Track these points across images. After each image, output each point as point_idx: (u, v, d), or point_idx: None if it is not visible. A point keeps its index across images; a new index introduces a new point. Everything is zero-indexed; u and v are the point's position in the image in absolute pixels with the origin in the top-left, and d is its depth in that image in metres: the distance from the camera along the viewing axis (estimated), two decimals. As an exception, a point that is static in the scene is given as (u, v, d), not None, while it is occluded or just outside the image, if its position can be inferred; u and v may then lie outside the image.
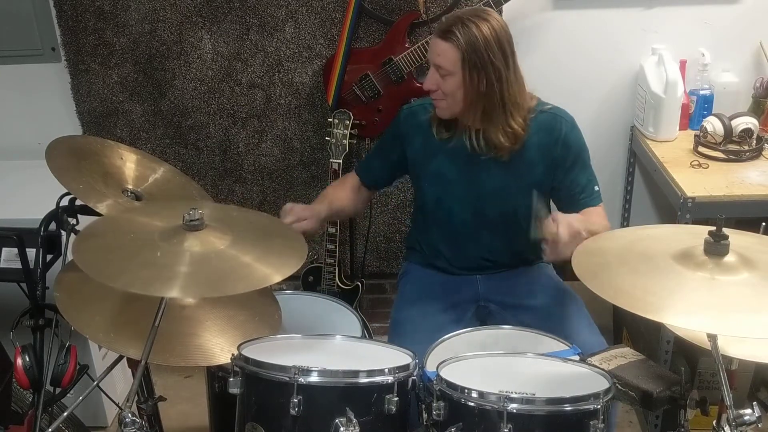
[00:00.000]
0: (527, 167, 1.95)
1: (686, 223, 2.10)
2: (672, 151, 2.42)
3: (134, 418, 1.37)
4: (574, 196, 1.99)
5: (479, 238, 2.04)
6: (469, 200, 2.00)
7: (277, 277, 1.45)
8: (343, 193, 2.16)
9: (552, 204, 2.06)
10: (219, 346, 1.65)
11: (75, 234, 1.80)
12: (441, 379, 1.45)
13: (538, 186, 1.95)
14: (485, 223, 2.02)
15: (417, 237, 2.19)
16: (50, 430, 1.71)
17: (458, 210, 2.02)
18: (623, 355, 1.62)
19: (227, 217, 1.64)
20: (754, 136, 2.33)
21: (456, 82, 1.85)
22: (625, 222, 2.84)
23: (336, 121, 2.58)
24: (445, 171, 2.00)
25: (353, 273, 2.90)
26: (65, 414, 1.77)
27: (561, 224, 1.68)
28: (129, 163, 1.93)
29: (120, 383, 2.54)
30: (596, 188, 2.01)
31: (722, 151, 2.33)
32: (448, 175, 2.00)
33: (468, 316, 2.04)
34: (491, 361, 1.59)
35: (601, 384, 1.45)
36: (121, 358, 1.75)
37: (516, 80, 1.88)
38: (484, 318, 2.07)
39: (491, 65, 1.82)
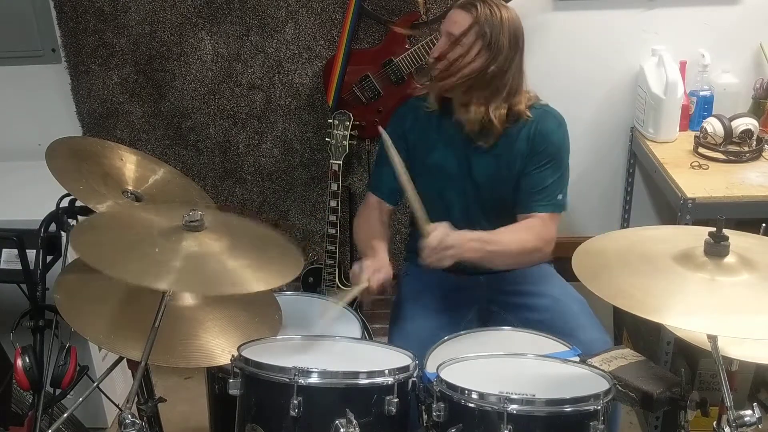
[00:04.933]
0: (515, 157, 1.97)
1: (686, 224, 2.10)
2: (672, 152, 2.42)
3: (134, 419, 1.37)
4: (532, 193, 1.96)
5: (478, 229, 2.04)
6: (466, 190, 2.02)
7: (267, 286, 1.46)
8: (375, 227, 2.08)
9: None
10: (219, 347, 1.65)
11: (75, 235, 1.80)
12: (441, 380, 1.45)
13: (516, 175, 1.98)
14: (482, 213, 2.03)
15: (417, 240, 2.18)
16: (50, 431, 1.71)
17: (457, 201, 2.03)
18: (623, 356, 1.62)
19: (228, 223, 1.64)
20: (754, 137, 2.33)
21: (461, 52, 1.88)
22: (625, 223, 2.84)
23: (336, 122, 2.58)
24: (444, 163, 2.02)
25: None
26: (65, 415, 1.77)
27: (435, 234, 1.76)
28: (129, 164, 1.93)
29: (120, 384, 2.53)
30: (559, 196, 1.97)
31: (722, 152, 2.33)
32: (447, 167, 2.01)
33: (470, 317, 2.04)
34: (491, 362, 1.60)
35: (602, 385, 1.45)
36: (121, 359, 1.75)
37: (518, 73, 1.93)
38: (486, 319, 2.06)
39: (497, 46, 1.87)
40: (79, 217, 1.85)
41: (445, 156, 2.02)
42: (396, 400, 1.45)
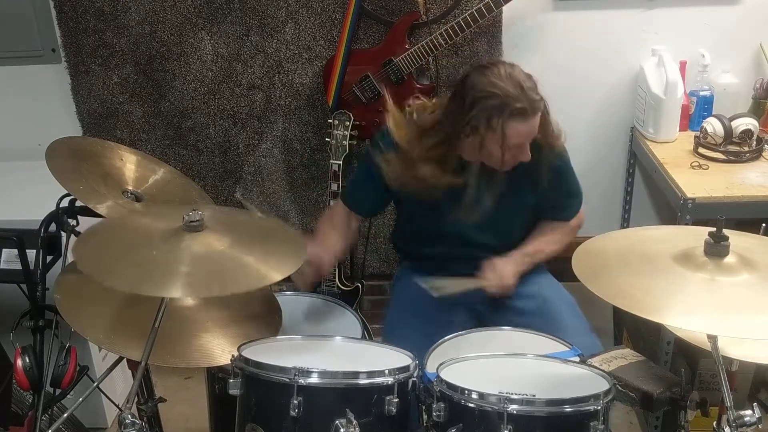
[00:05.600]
0: (517, 191, 1.94)
1: (686, 224, 2.10)
2: (672, 152, 2.42)
3: (134, 419, 1.38)
4: (563, 209, 2.06)
5: (475, 257, 2.00)
6: (463, 231, 1.97)
7: (277, 276, 1.45)
8: (336, 236, 2.06)
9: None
10: (219, 347, 1.66)
11: (75, 235, 1.80)
12: (441, 380, 1.45)
13: (529, 208, 2.01)
14: (482, 246, 2.00)
15: (405, 244, 2.17)
16: (50, 431, 1.71)
17: (452, 237, 2.00)
18: (623, 356, 1.62)
19: (226, 220, 1.64)
20: (754, 137, 2.33)
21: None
22: (625, 223, 2.84)
23: (336, 122, 2.57)
24: (436, 204, 1.94)
25: (353, 274, 2.90)
26: (65, 415, 1.77)
27: (495, 278, 1.91)
28: (129, 164, 1.93)
29: (120, 384, 2.54)
30: (579, 191, 2.06)
31: (722, 152, 2.33)
32: (440, 209, 1.95)
33: (460, 320, 2.02)
34: (491, 362, 1.60)
35: (602, 385, 1.45)
36: (121, 359, 1.76)
37: None
38: (476, 322, 2.06)
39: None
40: (79, 218, 1.85)
41: (438, 194, 1.91)
42: (396, 400, 1.45)
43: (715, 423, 1.46)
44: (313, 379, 1.42)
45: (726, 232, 1.37)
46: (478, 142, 1.79)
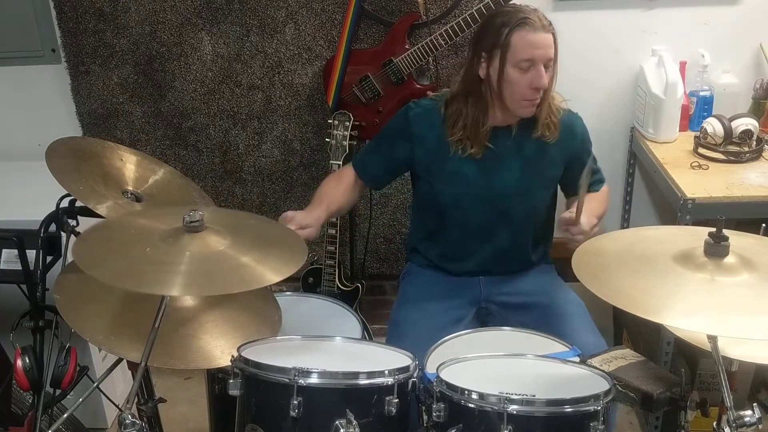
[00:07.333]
0: (549, 163, 2.01)
1: (686, 224, 2.10)
2: (672, 152, 2.42)
3: (134, 419, 1.37)
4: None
5: (496, 237, 2.04)
6: (491, 199, 2.00)
7: (276, 277, 1.45)
8: (339, 192, 2.11)
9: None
10: (219, 348, 1.65)
11: (75, 235, 1.80)
12: (441, 381, 1.45)
13: (556, 180, 2.07)
14: (505, 221, 2.02)
15: (421, 241, 2.18)
16: (50, 431, 1.71)
17: (479, 209, 2.02)
18: (623, 357, 1.62)
19: (227, 221, 1.64)
20: (754, 137, 2.33)
21: (555, 72, 1.93)
22: (625, 223, 2.84)
23: (336, 122, 2.57)
24: (465, 171, 1.99)
25: (353, 274, 2.90)
26: (65, 415, 1.77)
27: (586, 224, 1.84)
28: (129, 164, 1.93)
29: (120, 385, 2.54)
30: (600, 168, 2.16)
31: (722, 153, 2.33)
32: (468, 175, 1.99)
33: (469, 317, 2.04)
34: (491, 363, 1.59)
35: (602, 385, 1.45)
36: (121, 359, 1.75)
37: None
38: (484, 319, 2.07)
39: None
40: (79, 218, 1.85)
41: (465, 163, 1.98)
42: (396, 400, 1.45)
43: (715, 423, 1.46)
44: (313, 380, 1.42)
45: (726, 232, 1.37)
46: (496, 70, 1.87)
